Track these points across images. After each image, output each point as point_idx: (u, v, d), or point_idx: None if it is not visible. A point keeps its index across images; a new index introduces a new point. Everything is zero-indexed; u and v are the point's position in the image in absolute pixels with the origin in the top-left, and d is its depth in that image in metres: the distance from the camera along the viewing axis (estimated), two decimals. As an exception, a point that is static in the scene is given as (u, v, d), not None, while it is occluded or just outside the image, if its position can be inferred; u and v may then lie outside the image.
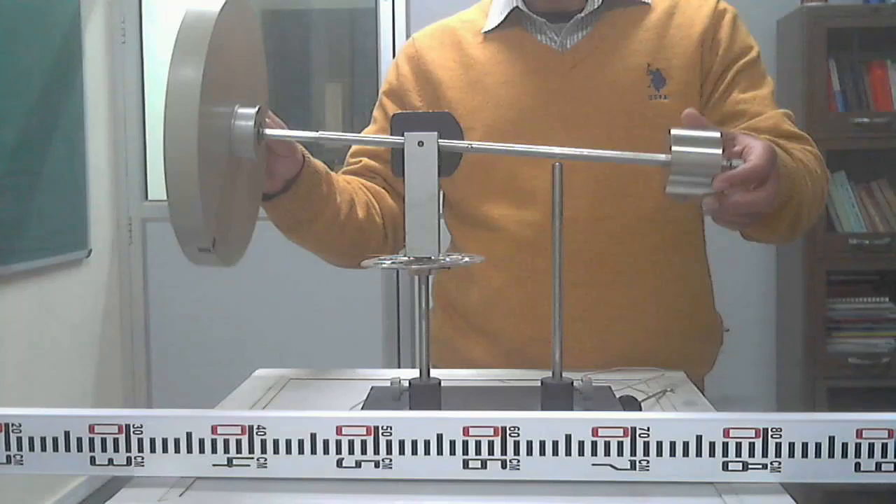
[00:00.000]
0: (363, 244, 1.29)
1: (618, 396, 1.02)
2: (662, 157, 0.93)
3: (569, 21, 1.29)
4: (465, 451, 0.81)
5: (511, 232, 1.27)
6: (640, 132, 1.24)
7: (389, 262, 0.96)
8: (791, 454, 0.80)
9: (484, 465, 0.81)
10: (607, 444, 0.80)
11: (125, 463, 0.83)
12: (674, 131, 0.93)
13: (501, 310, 1.29)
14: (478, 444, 0.81)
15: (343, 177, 1.32)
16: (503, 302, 1.28)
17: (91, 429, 0.83)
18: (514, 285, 1.27)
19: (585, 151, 1.04)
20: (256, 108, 0.95)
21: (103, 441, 0.83)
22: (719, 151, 0.91)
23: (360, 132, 1.34)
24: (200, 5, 0.89)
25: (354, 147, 1.40)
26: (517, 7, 1.30)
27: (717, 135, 0.93)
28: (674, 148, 0.91)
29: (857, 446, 0.79)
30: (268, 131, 0.99)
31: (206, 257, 0.91)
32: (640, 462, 0.80)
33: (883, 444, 0.79)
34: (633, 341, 1.26)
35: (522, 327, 1.26)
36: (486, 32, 1.33)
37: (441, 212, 1.39)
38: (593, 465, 0.81)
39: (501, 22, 1.32)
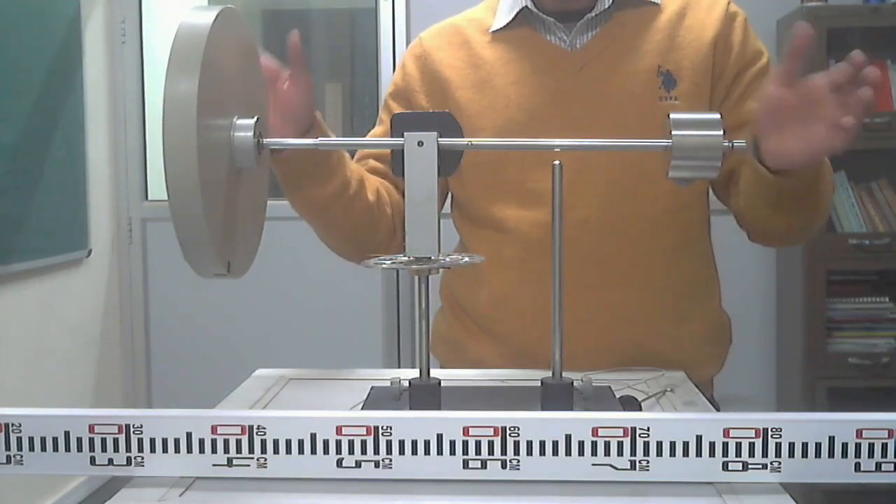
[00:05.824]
0: (371, 229, 1.29)
1: (618, 396, 1.02)
2: (664, 142, 0.93)
3: (577, 21, 1.28)
4: (465, 451, 0.81)
5: (521, 233, 1.27)
6: (650, 134, 1.23)
7: (389, 262, 0.96)
8: (791, 454, 0.80)
9: (484, 465, 0.81)
10: (607, 444, 0.80)
11: (125, 463, 0.83)
12: (673, 115, 0.93)
13: (511, 311, 1.29)
14: (478, 444, 0.81)
15: None
16: (513, 303, 1.28)
17: (91, 429, 0.83)
18: (524, 286, 1.27)
19: (586, 142, 1.05)
20: (255, 118, 0.96)
21: (103, 441, 0.83)
22: (720, 133, 0.91)
23: (360, 132, 1.34)
24: (193, 19, 0.89)
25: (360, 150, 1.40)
26: (526, 7, 1.29)
27: (717, 116, 0.93)
28: (674, 132, 0.92)
29: (857, 446, 0.79)
30: (267, 140, 1.00)
31: (220, 277, 0.93)
32: (640, 462, 0.80)
33: (883, 444, 0.79)
34: (643, 343, 1.26)
35: (532, 328, 1.26)
36: (493, 32, 1.33)
37: (450, 212, 1.39)
38: (593, 465, 0.81)
39: (510, 21, 1.31)
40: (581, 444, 0.80)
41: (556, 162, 0.94)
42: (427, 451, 0.81)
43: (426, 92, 1.34)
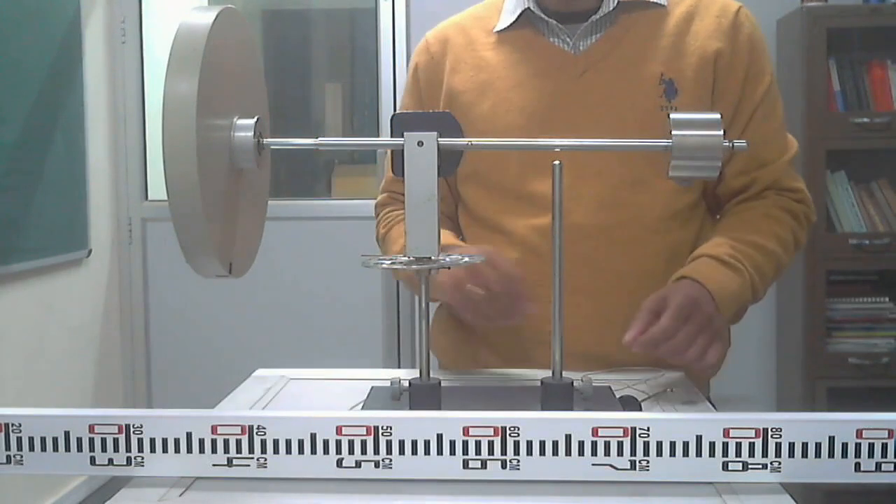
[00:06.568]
0: None
1: (618, 396, 1.02)
2: (664, 142, 0.93)
3: (580, 22, 1.27)
4: (465, 451, 0.81)
5: (522, 237, 1.27)
6: None
7: (389, 262, 0.96)
8: (791, 454, 0.80)
9: (484, 465, 0.81)
10: (607, 444, 0.80)
11: (125, 463, 0.83)
12: (673, 116, 0.94)
13: None
14: (478, 444, 0.81)
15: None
16: None
17: (91, 429, 0.83)
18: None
19: (586, 142, 1.05)
20: (255, 119, 0.96)
21: (103, 441, 0.83)
22: (720, 133, 0.92)
23: (360, 132, 1.35)
24: (193, 19, 0.89)
25: (383, 195, 1.44)
26: (528, 8, 1.29)
27: (717, 116, 0.93)
28: (674, 132, 0.92)
29: (857, 446, 0.79)
30: (267, 140, 1.00)
31: (221, 277, 0.93)
32: (640, 462, 0.80)
33: (883, 444, 0.79)
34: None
35: (527, 330, 1.25)
36: (497, 32, 1.32)
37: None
38: (593, 465, 0.81)
39: (513, 22, 1.30)
40: (581, 444, 0.80)
41: (557, 162, 0.94)
42: (427, 451, 0.81)
43: (434, 101, 1.34)
